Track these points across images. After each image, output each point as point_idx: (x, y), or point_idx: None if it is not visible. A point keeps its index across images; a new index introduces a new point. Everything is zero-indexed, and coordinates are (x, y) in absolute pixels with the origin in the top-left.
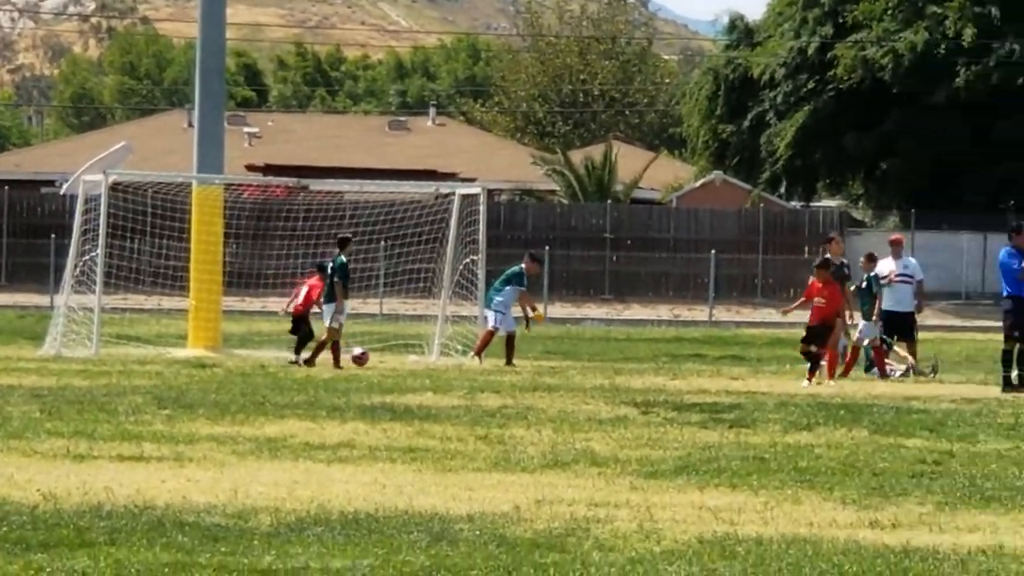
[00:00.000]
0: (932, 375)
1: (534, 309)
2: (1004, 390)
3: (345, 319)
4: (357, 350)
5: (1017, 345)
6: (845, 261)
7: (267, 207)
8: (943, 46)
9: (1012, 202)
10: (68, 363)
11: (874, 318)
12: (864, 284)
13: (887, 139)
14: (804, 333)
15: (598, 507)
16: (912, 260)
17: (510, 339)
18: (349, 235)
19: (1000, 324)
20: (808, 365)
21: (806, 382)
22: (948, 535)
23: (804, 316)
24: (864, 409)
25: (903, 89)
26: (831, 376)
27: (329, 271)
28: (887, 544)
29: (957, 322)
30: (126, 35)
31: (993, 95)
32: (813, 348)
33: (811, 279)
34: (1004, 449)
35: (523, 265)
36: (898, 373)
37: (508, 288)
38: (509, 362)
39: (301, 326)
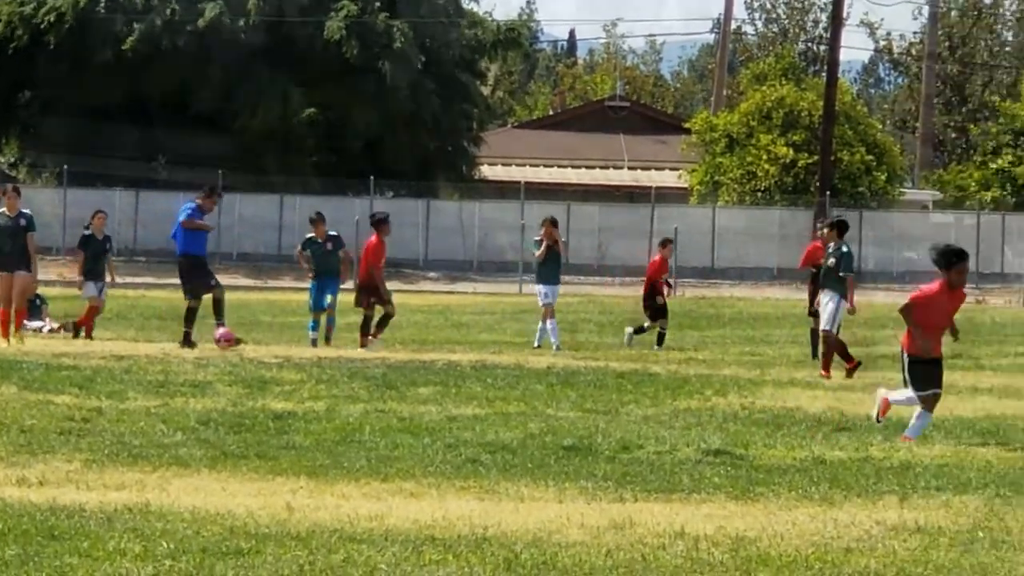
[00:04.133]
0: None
1: None
2: (183, 345)
3: None
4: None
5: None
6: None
7: None
8: (103, 4)
9: (164, 159)
10: None
11: None
12: None
13: (46, 96)
14: None
15: None
16: None
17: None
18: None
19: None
20: None
21: None
22: (95, 492)
23: None
24: (13, 365)
25: (64, 47)
26: None
27: None
28: (33, 502)
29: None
30: None
31: (154, 55)
32: None
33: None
34: (153, 406)
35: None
36: (47, 329)
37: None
38: None
39: None
